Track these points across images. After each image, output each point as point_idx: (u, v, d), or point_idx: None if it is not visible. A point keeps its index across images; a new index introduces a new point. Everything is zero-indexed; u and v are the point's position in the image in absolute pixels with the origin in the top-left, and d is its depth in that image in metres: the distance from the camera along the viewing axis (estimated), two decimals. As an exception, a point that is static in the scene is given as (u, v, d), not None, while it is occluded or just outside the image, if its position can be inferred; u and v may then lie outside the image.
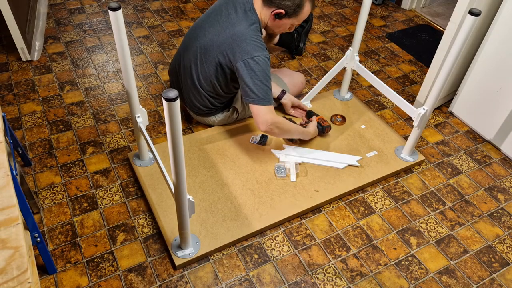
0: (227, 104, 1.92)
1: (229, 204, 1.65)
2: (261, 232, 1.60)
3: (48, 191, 1.69)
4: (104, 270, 1.46)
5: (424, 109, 1.70)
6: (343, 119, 2.06)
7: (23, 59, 2.31)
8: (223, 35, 1.65)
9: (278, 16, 1.64)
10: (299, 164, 1.80)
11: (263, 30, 1.75)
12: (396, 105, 2.17)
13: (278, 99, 1.98)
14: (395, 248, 1.59)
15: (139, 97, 2.13)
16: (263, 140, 1.87)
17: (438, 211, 1.73)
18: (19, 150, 1.68)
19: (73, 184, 1.72)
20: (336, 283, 1.47)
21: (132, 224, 1.60)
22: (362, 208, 1.72)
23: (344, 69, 2.09)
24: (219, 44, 1.66)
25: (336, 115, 2.07)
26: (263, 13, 1.65)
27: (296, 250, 1.56)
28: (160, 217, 1.58)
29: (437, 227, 1.67)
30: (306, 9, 1.65)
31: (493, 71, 1.90)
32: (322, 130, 1.92)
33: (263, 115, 1.63)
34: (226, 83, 1.76)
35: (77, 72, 2.28)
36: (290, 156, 1.83)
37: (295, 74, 2.13)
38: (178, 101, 1.01)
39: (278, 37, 1.94)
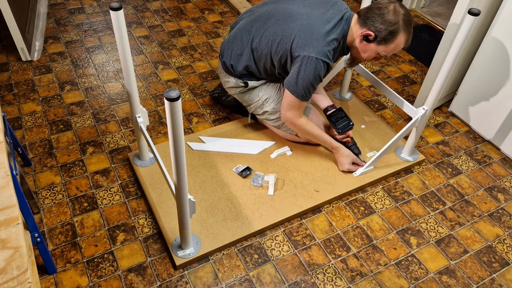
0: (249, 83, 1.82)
1: (229, 204, 1.65)
2: (261, 232, 1.60)
3: (48, 191, 1.69)
4: (104, 270, 1.46)
5: (424, 109, 1.70)
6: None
7: (23, 59, 2.31)
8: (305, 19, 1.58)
9: (366, 38, 1.56)
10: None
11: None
12: (396, 105, 2.17)
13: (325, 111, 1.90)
14: (395, 248, 1.59)
15: (139, 97, 2.13)
16: (246, 172, 1.75)
17: (438, 211, 1.73)
18: (19, 150, 1.68)
19: (73, 184, 1.72)
20: (336, 283, 1.47)
21: (132, 224, 1.60)
22: (362, 208, 1.72)
23: (344, 69, 2.09)
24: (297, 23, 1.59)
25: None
26: (354, 29, 1.59)
27: (296, 250, 1.56)
28: (160, 217, 1.58)
29: (437, 227, 1.67)
30: (399, 41, 1.54)
31: (493, 71, 1.90)
32: (357, 153, 1.83)
33: (288, 105, 1.65)
34: (271, 60, 1.68)
35: (77, 72, 2.28)
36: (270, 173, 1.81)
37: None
38: (179, 101, 1.01)
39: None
